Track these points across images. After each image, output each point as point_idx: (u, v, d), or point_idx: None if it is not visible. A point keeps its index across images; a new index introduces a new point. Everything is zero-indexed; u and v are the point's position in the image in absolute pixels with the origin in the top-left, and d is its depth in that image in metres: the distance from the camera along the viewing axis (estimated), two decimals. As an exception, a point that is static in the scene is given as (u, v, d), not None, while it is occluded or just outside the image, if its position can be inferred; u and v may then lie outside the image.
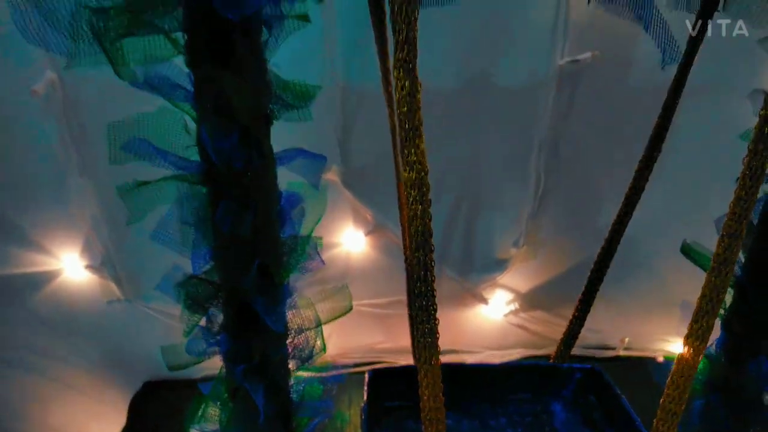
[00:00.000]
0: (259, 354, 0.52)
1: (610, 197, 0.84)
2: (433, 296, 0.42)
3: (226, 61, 0.40)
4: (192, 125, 0.46)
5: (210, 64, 0.40)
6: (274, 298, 0.50)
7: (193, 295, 0.50)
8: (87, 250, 0.84)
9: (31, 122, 0.75)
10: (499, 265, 0.93)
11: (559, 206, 0.88)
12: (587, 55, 0.60)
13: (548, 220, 0.89)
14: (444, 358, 0.96)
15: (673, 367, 0.48)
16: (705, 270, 0.62)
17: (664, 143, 0.67)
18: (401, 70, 0.36)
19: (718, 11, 0.43)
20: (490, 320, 0.97)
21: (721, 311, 0.62)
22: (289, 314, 0.55)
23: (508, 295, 0.96)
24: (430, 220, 0.40)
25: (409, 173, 0.39)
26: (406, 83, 0.37)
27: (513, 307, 0.97)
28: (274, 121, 0.46)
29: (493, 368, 0.69)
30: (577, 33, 0.68)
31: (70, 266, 0.84)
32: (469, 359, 0.98)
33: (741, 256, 0.60)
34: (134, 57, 0.40)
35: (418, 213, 0.40)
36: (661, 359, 1.00)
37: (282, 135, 0.47)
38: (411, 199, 0.39)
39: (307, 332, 0.56)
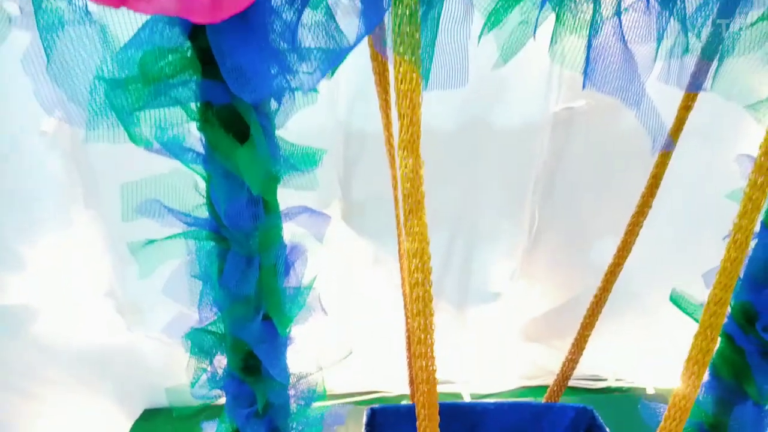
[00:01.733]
0: (262, 400, 0.54)
1: (601, 235, 0.87)
2: (433, 357, 0.44)
3: (239, 134, 0.42)
4: (201, 184, 0.48)
5: (223, 137, 0.42)
6: (277, 347, 0.52)
7: (200, 344, 0.52)
8: (91, 280, 0.86)
9: (38, 155, 0.76)
10: (494, 297, 0.95)
11: (553, 242, 0.90)
12: (581, 102, 0.62)
13: (542, 255, 0.92)
14: (440, 388, 0.98)
15: (670, 401, 0.50)
16: (694, 319, 0.64)
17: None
18: (406, 150, 0.38)
19: (704, 90, 0.45)
20: (486, 351, 0.99)
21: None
22: (291, 359, 0.57)
23: (503, 327, 0.98)
24: (430, 286, 0.42)
25: (411, 243, 0.41)
26: (410, 161, 0.39)
27: (508, 338, 0.99)
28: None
29: (487, 407, 0.71)
30: (571, 81, 0.70)
31: (74, 296, 0.86)
32: (465, 389, 0.99)
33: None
34: (149, 125, 0.42)
35: (419, 280, 0.41)
36: (651, 391, 1.02)
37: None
38: (413, 267, 0.41)
39: (309, 377, 0.58)
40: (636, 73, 0.38)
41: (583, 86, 0.39)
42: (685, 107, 0.56)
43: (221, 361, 0.54)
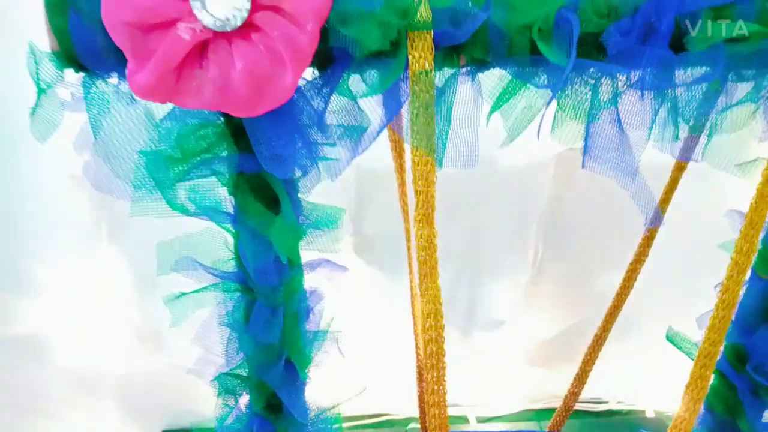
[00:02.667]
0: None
1: (603, 267, 0.90)
2: (445, 404, 0.47)
3: (267, 200, 0.46)
4: (230, 239, 0.52)
5: (252, 202, 0.46)
6: (298, 388, 0.56)
7: (226, 386, 0.56)
8: (113, 309, 0.90)
9: (65, 196, 0.81)
10: (500, 325, 0.99)
11: (555, 275, 0.94)
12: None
13: (545, 286, 0.95)
14: (450, 411, 1.02)
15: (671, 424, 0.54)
16: (689, 357, 0.68)
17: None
18: (421, 222, 0.42)
19: (695, 161, 0.49)
20: (492, 376, 1.03)
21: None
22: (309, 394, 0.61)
23: (508, 353, 1.02)
24: (443, 342, 0.46)
25: (426, 304, 0.45)
26: (425, 232, 0.43)
27: (513, 363, 1.02)
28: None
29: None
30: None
31: (97, 323, 0.90)
32: (471, 412, 1.03)
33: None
34: (185, 193, 0.46)
35: (434, 337, 0.45)
36: (651, 414, 1.06)
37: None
38: (427, 326, 0.45)
39: (326, 412, 0.62)
40: (630, 153, 0.41)
41: (583, 165, 0.43)
42: (679, 168, 0.60)
43: (245, 399, 0.58)
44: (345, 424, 0.98)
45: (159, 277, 0.51)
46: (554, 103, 0.42)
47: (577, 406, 1.07)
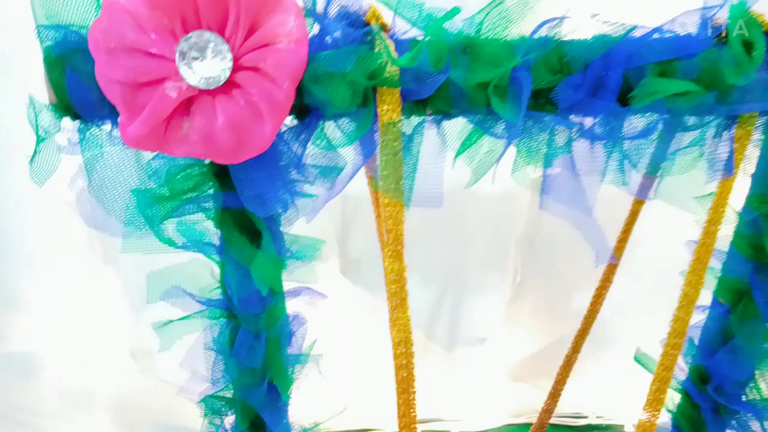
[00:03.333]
0: (267, 455, 0.61)
1: (579, 286, 0.94)
2: (415, 427, 0.51)
3: (250, 233, 0.49)
4: (216, 269, 0.55)
5: (237, 236, 0.49)
6: (280, 409, 0.59)
7: (212, 407, 0.59)
8: (107, 328, 0.93)
9: (62, 221, 0.84)
10: (482, 342, 1.02)
11: (534, 293, 0.98)
12: (557, 170, 0.69)
13: (525, 304, 0.99)
14: (431, 426, 1.05)
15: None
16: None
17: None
18: (391, 257, 0.45)
19: (650, 198, 0.52)
20: (474, 391, 1.06)
21: (672, 411, 0.71)
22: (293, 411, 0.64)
23: (490, 369, 1.05)
24: (413, 368, 0.49)
25: (397, 332, 0.48)
26: (395, 266, 0.46)
27: (494, 379, 1.06)
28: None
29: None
30: (580, 148, 0.77)
31: (91, 342, 0.93)
32: (455, 426, 1.06)
33: (685, 365, 0.69)
34: (173, 228, 0.50)
35: (404, 363, 0.48)
36: (630, 428, 1.09)
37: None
38: (398, 353, 0.48)
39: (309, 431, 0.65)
40: (583, 196, 0.45)
41: (540, 206, 0.46)
42: (638, 201, 0.63)
43: (231, 419, 0.61)
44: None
45: (148, 304, 0.54)
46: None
47: (558, 421, 1.10)
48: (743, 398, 0.65)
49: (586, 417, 1.10)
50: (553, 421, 1.09)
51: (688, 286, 0.49)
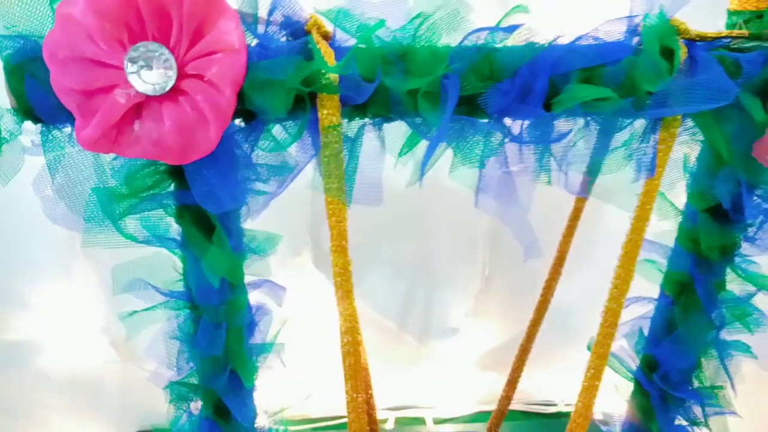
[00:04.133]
0: (231, 439, 0.64)
1: (545, 277, 0.97)
2: (363, 411, 0.54)
3: (208, 229, 0.52)
4: (178, 263, 0.58)
5: (194, 232, 0.52)
6: (242, 396, 0.62)
7: (178, 393, 0.62)
8: (89, 319, 0.96)
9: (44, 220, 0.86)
10: (453, 332, 1.05)
11: (503, 285, 1.00)
12: (520, 166, 0.72)
13: (494, 295, 1.02)
14: (405, 413, 1.08)
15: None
16: (609, 366, 0.74)
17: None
18: (336, 252, 0.48)
19: (586, 197, 0.55)
20: (447, 380, 1.09)
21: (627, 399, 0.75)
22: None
23: (461, 358, 1.08)
24: (360, 356, 0.52)
25: (343, 322, 0.51)
26: (340, 261, 0.49)
27: (466, 368, 1.09)
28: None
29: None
30: (510, 152, 0.80)
31: (74, 332, 0.96)
32: (428, 414, 1.10)
33: (636, 355, 0.72)
34: (135, 224, 0.52)
35: (350, 351, 0.52)
36: (599, 416, 1.12)
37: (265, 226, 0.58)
38: (345, 341, 0.51)
39: (274, 416, 0.68)
40: (515, 195, 0.48)
41: (476, 204, 0.49)
42: (580, 199, 0.66)
43: (198, 404, 0.64)
44: (307, 426, 1.05)
45: (114, 296, 0.57)
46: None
47: (528, 408, 1.14)
48: (689, 386, 0.68)
49: (556, 404, 1.13)
50: (523, 408, 1.13)
51: (618, 279, 0.52)
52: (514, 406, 1.04)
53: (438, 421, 1.08)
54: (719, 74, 0.42)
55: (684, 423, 0.70)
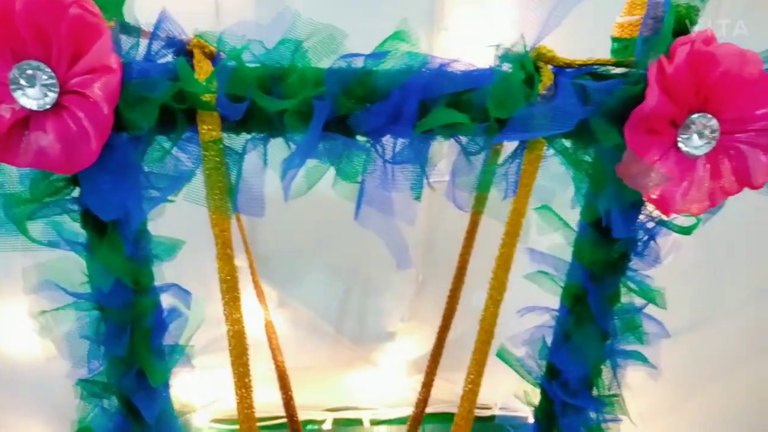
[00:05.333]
0: (141, 434, 0.66)
1: (476, 285, 0.99)
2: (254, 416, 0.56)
3: (101, 236, 0.54)
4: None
5: (94, 237, 0.55)
6: (150, 395, 0.64)
7: (89, 390, 0.65)
8: (31, 317, 0.98)
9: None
10: (389, 336, 1.08)
11: (436, 290, 1.03)
12: (446, 178, 0.75)
13: (428, 301, 1.05)
14: (343, 414, 1.11)
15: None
16: (516, 372, 0.77)
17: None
18: (222, 260, 0.51)
19: (469, 211, 0.58)
20: (383, 383, 1.12)
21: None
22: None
23: (397, 362, 1.11)
24: (248, 360, 0.54)
25: (230, 326, 0.53)
26: (226, 268, 0.51)
27: (402, 371, 1.12)
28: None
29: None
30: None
31: (16, 330, 0.98)
32: (366, 415, 1.12)
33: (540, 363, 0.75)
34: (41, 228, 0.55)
35: (238, 353, 0.54)
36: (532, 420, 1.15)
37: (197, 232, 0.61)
38: (233, 346, 0.54)
39: (184, 416, 0.71)
40: (391, 210, 0.51)
41: (355, 217, 0.52)
42: (477, 213, 0.69)
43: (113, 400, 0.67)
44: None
45: (26, 295, 0.60)
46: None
47: (464, 412, 1.17)
48: (588, 394, 0.71)
49: (490, 408, 1.17)
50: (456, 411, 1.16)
51: (492, 290, 0.55)
52: (450, 409, 1.08)
53: (374, 422, 1.11)
54: (567, 101, 0.45)
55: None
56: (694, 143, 0.49)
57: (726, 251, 1.11)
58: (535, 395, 0.78)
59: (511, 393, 1.19)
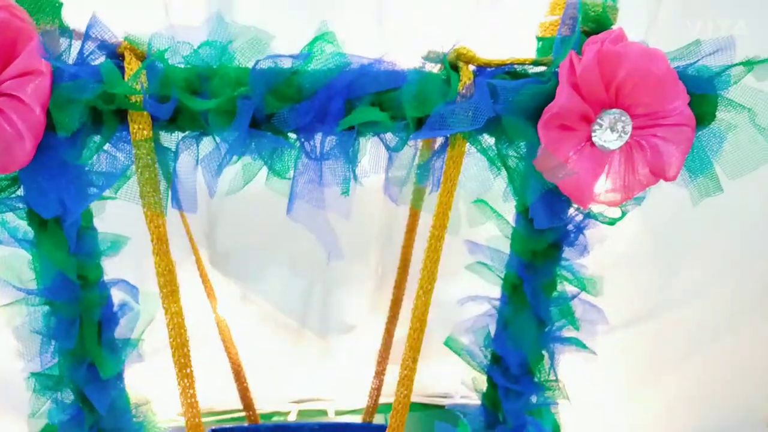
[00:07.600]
0: (94, 425, 0.68)
1: (439, 277, 1.02)
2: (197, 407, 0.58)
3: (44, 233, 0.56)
4: (35, 262, 0.62)
5: (39, 233, 0.57)
6: (101, 387, 0.66)
7: (42, 383, 0.66)
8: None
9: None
10: (351, 328, 1.10)
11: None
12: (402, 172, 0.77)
13: (388, 293, 1.07)
14: (308, 405, 1.13)
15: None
16: (463, 360, 0.80)
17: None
18: (158, 255, 0.53)
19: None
20: (347, 373, 1.14)
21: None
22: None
23: (360, 353, 1.13)
24: (189, 352, 0.56)
25: (170, 319, 0.56)
26: (163, 263, 0.54)
27: (365, 362, 1.14)
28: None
29: (313, 427, 0.86)
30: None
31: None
32: (330, 406, 1.15)
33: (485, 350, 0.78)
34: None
35: (178, 344, 0.56)
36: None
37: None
38: (172, 338, 0.56)
39: (140, 407, 0.73)
40: (322, 204, 0.53)
41: (288, 212, 0.54)
42: (414, 213, 0.72)
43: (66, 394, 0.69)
44: (210, 418, 1.09)
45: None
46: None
47: (426, 401, 1.20)
48: (529, 379, 0.74)
49: (452, 397, 1.19)
50: (421, 400, 1.19)
51: (423, 280, 0.57)
52: (414, 398, 1.10)
53: (339, 413, 1.14)
54: (480, 99, 0.47)
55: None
56: (608, 138, 0.52)
57: (681, 243, 1.14)
58: (483, 382, 0.81)
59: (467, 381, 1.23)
